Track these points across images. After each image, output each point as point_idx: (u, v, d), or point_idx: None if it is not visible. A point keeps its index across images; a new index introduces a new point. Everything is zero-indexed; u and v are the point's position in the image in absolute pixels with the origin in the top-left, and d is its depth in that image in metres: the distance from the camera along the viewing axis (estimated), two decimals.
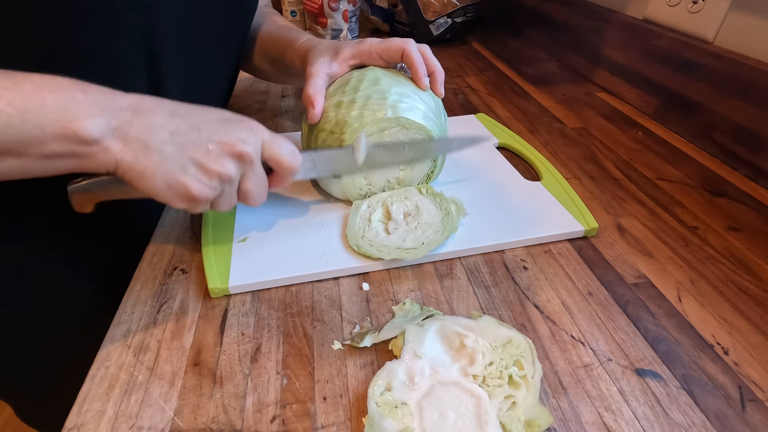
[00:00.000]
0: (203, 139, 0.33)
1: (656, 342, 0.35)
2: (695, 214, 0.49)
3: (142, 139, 0.31)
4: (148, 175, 0.31)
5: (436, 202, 0.45)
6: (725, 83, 0.57)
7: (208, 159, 0.33)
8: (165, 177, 0.32)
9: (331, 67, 0.46)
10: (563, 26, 0.90)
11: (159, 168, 0.31)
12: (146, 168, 0.31)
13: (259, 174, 0.37)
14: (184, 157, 0.32)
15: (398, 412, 0.29)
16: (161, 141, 0.31)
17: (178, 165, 0.32)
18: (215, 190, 0.34)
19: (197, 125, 0.33)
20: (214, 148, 0.33)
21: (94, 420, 0.31)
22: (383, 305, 0.38)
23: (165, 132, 0.32)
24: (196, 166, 0.33)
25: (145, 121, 0.31)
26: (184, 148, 0.32)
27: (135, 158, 0.31)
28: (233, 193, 0.36)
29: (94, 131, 0.29)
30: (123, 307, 0.39)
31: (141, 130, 0.31)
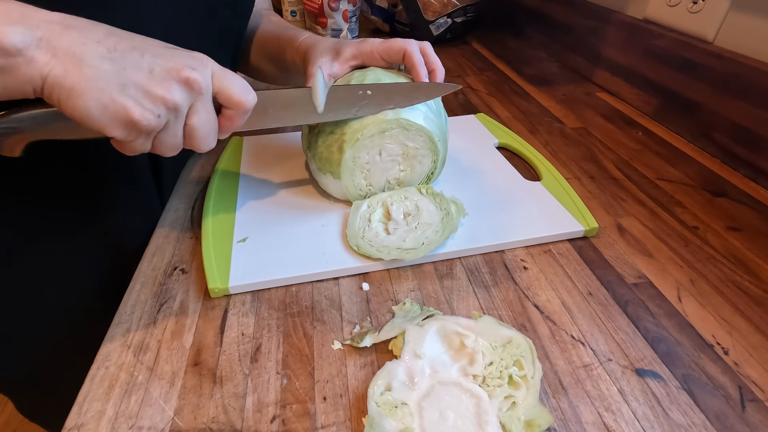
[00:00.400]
0: (146, 60, 0.30)
1: (656, 342, 0.35)
2: (695, 214, 0.49)
3: (74, 52, 0.28)
4: (79, 92, 0.28)
5: (436, 203, 0.45)
6: (725, 83, 0.57)
7: (152, 82, 0.30)
8: (100, 96, 0.28)
9: (332, 67, 0.46)
10: (563, 26, 0.90)
11: (94, 85, 0.28)
12: (78, 83, 0.27)
13: (208, 110, 0.33)
14: (124, 76, 0.29)
15: (398, 412, 0.29)
16: (97, 56, 0.28)
17: (117, 83, 0.28)
18: (159, 119, 0.31)
19: (139, 46, 0.30)
20: (160, 70, 0.30)
21: (94, 420, 0.31)
22: (383, 305, 0.38)
23: (102, 47, 0.28)
24: (137, 88, 0.29)
25: (78, 35, 0.28)
26: (124, 66, 0.29)
27: (65, 72, 0.27)
28: (179, 128, 0.33)
29: (15, 39, 0.26)
30: (123, 307, 0.39)
31: (73, 42, 0.28)
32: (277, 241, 0.44)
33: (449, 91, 0.46)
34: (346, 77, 0.46)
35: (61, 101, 0.28)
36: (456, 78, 0.85)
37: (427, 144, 0.45)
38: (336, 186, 0.47)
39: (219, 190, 0.50)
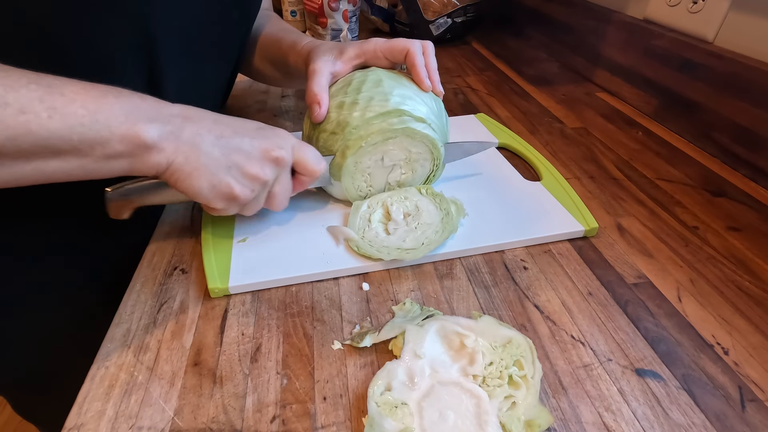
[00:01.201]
0: (245, 144, 0.36)
1: (656, 342, 0.35)
2: (695, 214, 0.49)
3: (192, 142, 0.33)
4: (196, 175, 0.34)
5: (435, 203, 0.45)
6: (725, 83, 0.57)
7: (250, 162, 0.36)
8: (211, 178, 0.34)
9: (335, 66, 0.46)
10: (563, 26, 0.90)
11: (207, 169, 0.34)
12: (195, 168, 0.33)
13: (288, 179, 0.40)
14: (229, 159, 0.35)
15: (398, 412, 0.29)
16: (209, 144, 0.34)
17: (224, 166, 0.35)
18: (253, 192, 0.37)
19: (239, 131, 0.36)
20: (255, 152, 0.36)
21: (94, 420, 0.31)
22: (383, 305, 0.38)
23: (212, 135, 0.34)
24: (238, 169, 0.35)
25: (195, 126, 0.34)
26: (229, 151, 0.35)
27: (186, 159, 0.33)
28: (264, 196, 0.39)
29: (153, 134, 0.32)
30: (123, 307, 0.39)
31: (191, 134, 0.33)
32: (277, 241, 0.44)
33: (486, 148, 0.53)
34: (346, 78, 0.46)
35: (178, 182, 0.34)
36: (456, 78, 0.85)
37: (429, 149, 0.46)
38: (336, 187, 0.47)
39: None
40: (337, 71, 0.47)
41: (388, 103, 0.43)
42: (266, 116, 0.71)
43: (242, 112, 0.72)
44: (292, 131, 0.64)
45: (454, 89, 0.80)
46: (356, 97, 0.43)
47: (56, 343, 0.51)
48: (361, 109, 0.42)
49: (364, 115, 0.42)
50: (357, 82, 0.44)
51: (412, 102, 0.44)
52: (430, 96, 0.46)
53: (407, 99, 0.43)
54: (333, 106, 0.44)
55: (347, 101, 0.43)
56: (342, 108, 0.43)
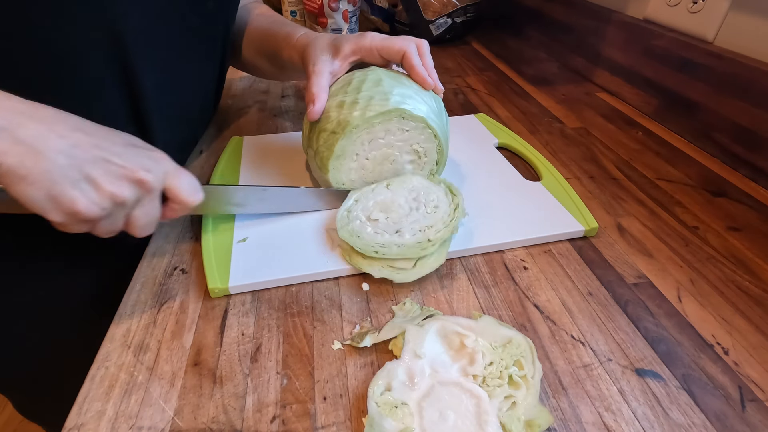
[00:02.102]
0: (104, 159, 0.32)
1: (656, 342, 0.35)
2: (695, 214, 0.49)
3: (32, 145, 0.29)
4: (29, 181, 0.29)
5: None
6: (725, 83, 0.57)
7: (106, 179, 0.31)
8: (50, 187, 0.29)
9: (333, 66, 0.46)
10: (563, 26, 0.90)
11: (46, 177, 0.29)
12: (30, 174, 0.29)
13: (154, 205, 0.36)
14: (79, 171, 0.30)
15: (398, 412, 0.29)
16: (56, 151, 0.30)
17: (70, 179, 0.30)
18: (104, 211, 0.32)
19: (100, 144, 0.32)
20: (114, 169, 0.32)
21: (94, 420, 0.31)
22: (383, 305, 0.38)
23: (63, 143, 0.30)
24: (89, 183, 0.31)
25: (41, 128, 0.30)
26: (81, 163, 0.30)
27: (20, 162, 0.28)
28: (120, 217, 0.34)
29: None
30: (123, 307, 0.39)
31: (33, 135, 0.29)
32: (277, 241, 0.44)
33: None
34: (346, 77, 0.46)
35: (10, 186, 0.29)
36: (456, 78, 0.85)
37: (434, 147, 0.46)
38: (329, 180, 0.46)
39: None
40: (336, 70, 0.47)
41: (388, 103, 0.43)
42: (266, 116, 0.71)
43: (242, 111, 0.72)
44: (292, 131, 0.65)
45: (454, 89, 0.80)
46: (356, 97, 0.43)
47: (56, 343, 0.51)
48: (362, 109, 0.42)
49: (365, 115, 0.42)
50: (357, 82, 0.44)
51: (412, 101, 0.44)
52: (430, 95, 0.46)
53: (407, 98, 0.43)
54: (333, 105, 0.44)
55: (347, 101, 0.43)
56: (342, 107, 0.43)
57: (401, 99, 0.43)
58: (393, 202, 0.44)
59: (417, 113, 0.43)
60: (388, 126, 0.44)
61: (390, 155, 0.46)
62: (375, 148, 0.45)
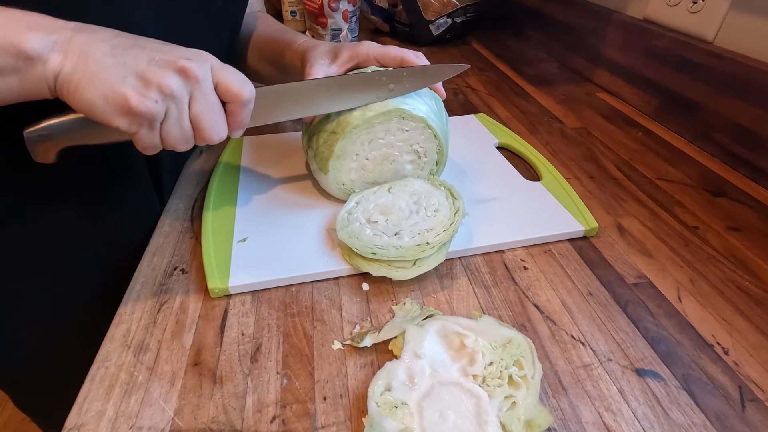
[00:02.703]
0: (146, 54, 0.32)
1: (656, 342, 0.35)
2: (695, 214, 0.49)
3: (81, 50, 0.30)
4: (84, 85, 0.30)
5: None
6: (725, 83, 0.57)
7: (149, 70, 0.32)
8: (102, 87, 0.30)
9: (329, 70, 0.47)
10: (563, 26, 0.90)
11: (97, 77, 0.30)
12: (83, 78, 0.30)
13: (210, 99, 0.35)
14: (124, 68, 0.31)
15: (398, 412, 0.29)
16: (101, 53, 0.31)
17: (118, 75, 0.31)
18: (156, 105, 0.32)
19: (140, 43, 0.33)
20: (158, 61, 0.32)
21: (94, 420, 0.31)
22: (383, 305, 0.38)
23: (106, 45, 0.31)
24: (135, 77, 0.31)
25: (87, 36, 0.31)
26: (124, 60, 0.31)
27: (73, 69, 0.30)
28: (182, 117, 0.34)
29: (35, 44, 0.29)
30: (123, 307, 0.39)
31: (81, 42, 0.31)
32: (277, 241, 0.44)
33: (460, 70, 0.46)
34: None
35: (69, 95, 0.31)
36: (456, 78, 0.85)
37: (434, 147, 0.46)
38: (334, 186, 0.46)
39: (219, 190, 0.50)
40: (331, 74, 0.47)
41: (388, 102, 0.43)
42: None
43: None
44: (292, 131, 0.65)
45: (454, 89, 0.80)
46: None
47: (56, 343, 0.51)
48: (362, 109, 0.43)
49: (365, 114, 0.42)
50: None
51: (412, 101, 0.44)
52: (430, 95, 0.46)
53: (407, 98, 0.44)
54: None
55: None
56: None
57: (401, 99, 0.43)
58: (394, 204, 0.44)
59: (417, 113, 0.43)
60: (388, 126, 0.44)
61: (390, 155, 0.46)
62: (375, 148, 0.45)
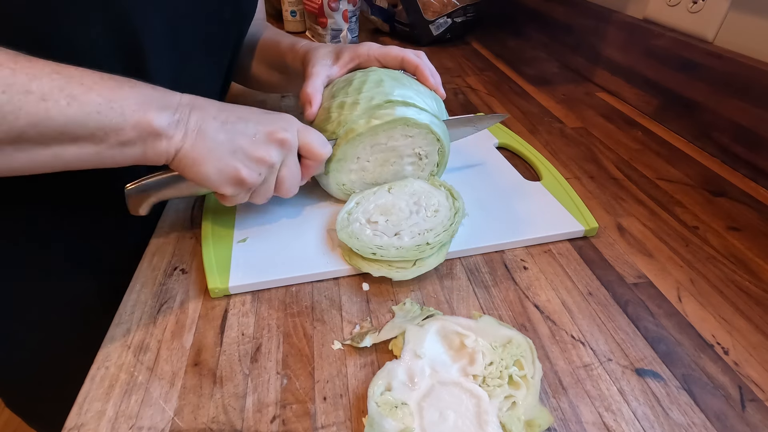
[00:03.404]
0: (249, 127, 0.37)
1: (656, 342, 0.35)
2: (695, 214, 0.49)
3: (198, 129, 0.35)
4: (202, 161, 0.35)
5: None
6: (725, 83, 0.57)
7: (255, 146, 0.36)
8: (217, 162, 0.35)
9: (331, 70, 0.48)
10: (563, 26, 0.90)
11: (212, 154, 0.35)
12: (201, 154, 0.35)
13: (295, 162, 0.40)
14: (234, 144, 0.36)
15: (398, 412, 0.29)
16: (214, 129, 0.35)
17: (229, 151, 0.36)
18: (260, 176, 0.38)
19: (243, 116, 0.37)
20: (261, 136, 0.37)
21: (94, 420, 0.31)
22: (383, 305, 0.38)
23: (217, 122, 0.36)
24: (243, 152, 0.36)
25: (201, 114, 0.35)
26: (233, 135, 0.36)
27: (192, 146, 0.34)
28: (272, 180, 0.40)
29: (163, 122, 0.33)
30: (123, 307, 0.39)
31: (197, 121, 0.35)
32: (277, 241, 0.44)
33: (499, 120, 0.53)
34: (347, 77, 0.46)
35: (186, 168, 0.35)
36: (456, 78, 0.85)
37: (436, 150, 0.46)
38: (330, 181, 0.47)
39: None
40: (333, 75, 0.48)
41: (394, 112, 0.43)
42: None
43: None
44: None
45: (454, 89, 0.80)
46: (357, 97, 0.43)
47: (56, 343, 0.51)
48: (364, 110, 0.43)
49: (370, 123, 0.42)
50: (358, 82, 0.44)
51: (414, 109, 0.44)
52: (431, 96, 0.46)
53: (408, 99, 0.43)
54: (334, 105, 0.44)
55: (348, 101, 0.43)
56: (343, 108, 0.43)
57: (403, 103, 0.43)
58: (394, 205, 0.44)
59: (422, 121, 0.43)
60: (392, 133, 0.44)
61: (391, 158, 0.46)
62: (377, 152, 0.45)
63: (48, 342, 0.51)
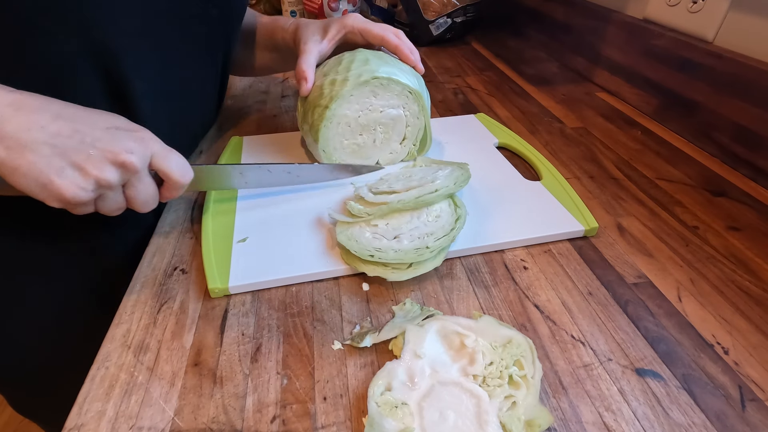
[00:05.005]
0: (86, 144, 0.33)
1: (656, 342, 0.35)
2: (695, 214, 0.49)
3: (17, 138, 0.30)
4: (21, 173, 0.31)
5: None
6: (725, 83, 0.57)
7: (88, 163, 0.33)
8: (38, 177, 0.31)
9: (321, 46, 0.52)
10: (563, 26, 0.90)
11: (33, 167, 0.31)
12: (20, 166, 0.31)
13: (145, 183, 0.37)
14: (61, 160, 0.32)
15: (398, 412, 0.29)
16: (39, 142, 0.31)
17: (55, 167, 0.32)
18: (92, 193, 0.34)
19: (81, 129, 0.33)
20: (96, 154, 0.33)
21: (94, 420, 0.31)
22: (383, 305, 0.38)
23: (44, 133, 0.31)
24: (74, 168, 0.32)
25: (25, 120, 0.31)
26: (63, 151, 0.32)
27: (8, 155, 0.30)
28: (117, 198, 0.36)
29: None
30: (123, 307, 0.39)
31: (18, 128, 0.31)
32: (277, 241, 0.44)
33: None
34: (337, 58, 0.51)
35: (6, 177, 0.31)
36: (456, 78, 0.85)
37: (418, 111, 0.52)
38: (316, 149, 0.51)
39: (219, 190, 0.50)
40: (324, 50, 0.52)
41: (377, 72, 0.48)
42: (266, 116, 0.71)
43: (242, 112, 0.72)
44: (292, 131, 0.64)
45: (454, 89, 0.80)
46: (346, 75, 0.48)
47: (56, 343, 0.51)
48: (351, 85, 0.48)
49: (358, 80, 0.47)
50: (346, 62, 0.50)
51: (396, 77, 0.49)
52: (412, 73, 0.52)
53: (392, 75, 0.49)
54: (326, 83, 0.49)
55: (339, 78, 0.48)
56: (334, 84, 0.48)
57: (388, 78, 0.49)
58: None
59: (403, 81, 0.49)
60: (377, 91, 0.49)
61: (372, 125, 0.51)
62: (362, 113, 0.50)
63: (48, 342, 0.51)
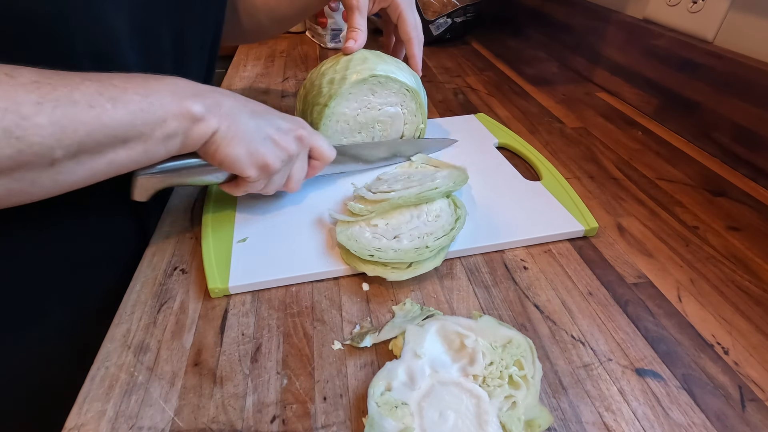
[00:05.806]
0: (275, 121, 0.41)
1: (656, 342, 0.35)
2: (695, 214, 0.49)
3: (231, 114, 0.37)
4: (236, 142, 0.37)
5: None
6: (725, 83, 0.57)
7: (280, 136, 0.40)
8: (248, 145, 0.38)
9: (371, 5, 0.55)
10: (563, 26, 0.90)
11: (245, 136, 0.37)
12: (235, 135, 0.37)
13: (303, 160, 0.44)
14: (262, 131, 0.39)
15: (398, 412, 0.29)
16: (246, 116, 0.38)
17: (260, 137, 0.39)
18: (282, 163, 0.41)
19: (269, 111, 0.42)
20: (285, 129, 0.41)
21: (94, 420, 0.31)
22: (383, 305, 0.38)
23: (247, 110, 0.39)
24: (271, 140, 0.40)
25: (231, 101, 0.38)
26: (262, 124, 0.39)
27: (228, 128, 0.36)
28: (287, 172, 0.43)
29: (200, 107, 0.35)
30: (123, 307, 0.39)
31: (230, 107, 0.37)
32: (277, 241, 0.44)
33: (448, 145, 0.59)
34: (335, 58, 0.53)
35: (218, 150, 0.37)
36: (456, 78, 0.85)
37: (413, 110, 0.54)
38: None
39: (219, 190, 0.50)
40: (371, 10, 0.55)
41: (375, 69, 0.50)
42: None
43: None
44: None
45: (454, 89, 0.80)
46: (345, 73, 0.50)
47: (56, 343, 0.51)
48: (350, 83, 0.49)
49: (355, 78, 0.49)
50: (345, 61, 0.51)
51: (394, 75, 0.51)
52: (410, 72, 0.54)
53: (390, 73, 0.50)
54: (324, 82, 0.51)
55: (337, 77, 0.50)
56: (333, 83, 0.50)
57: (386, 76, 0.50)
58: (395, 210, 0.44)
59: (401, 78, 0.51)
60: (374, 87, 0.51)
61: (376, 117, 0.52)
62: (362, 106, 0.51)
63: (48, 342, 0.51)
